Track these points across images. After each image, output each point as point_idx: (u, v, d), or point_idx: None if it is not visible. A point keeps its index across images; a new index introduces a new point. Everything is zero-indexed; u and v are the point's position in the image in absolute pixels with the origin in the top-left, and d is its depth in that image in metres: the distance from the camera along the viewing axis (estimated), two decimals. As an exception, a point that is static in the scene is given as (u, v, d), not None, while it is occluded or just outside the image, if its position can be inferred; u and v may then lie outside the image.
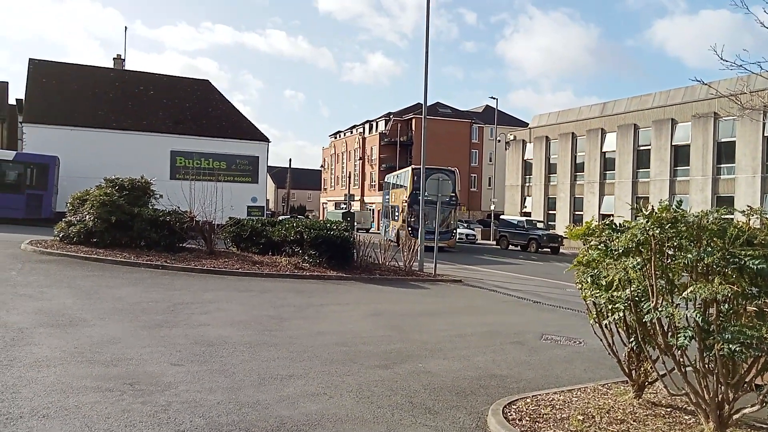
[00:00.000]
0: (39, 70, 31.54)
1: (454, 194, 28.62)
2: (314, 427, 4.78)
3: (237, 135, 33.49)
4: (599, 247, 5.60)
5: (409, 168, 33.65)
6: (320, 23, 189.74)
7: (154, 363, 6.24)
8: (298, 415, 5.01)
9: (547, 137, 46.58)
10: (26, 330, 7.15)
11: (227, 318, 9.04)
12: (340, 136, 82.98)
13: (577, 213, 43.06)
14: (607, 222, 5.83)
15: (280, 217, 29.14)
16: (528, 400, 5.72)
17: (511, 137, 50.70)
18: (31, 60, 31.92)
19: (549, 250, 35.56)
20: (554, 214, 45.37)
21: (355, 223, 41.52)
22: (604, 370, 7.26)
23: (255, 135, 34.35)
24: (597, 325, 5.85)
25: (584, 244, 6.05)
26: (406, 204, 30.43)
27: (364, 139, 73.01)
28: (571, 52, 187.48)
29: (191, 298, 10.43)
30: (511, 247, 37.34)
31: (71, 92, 31.12)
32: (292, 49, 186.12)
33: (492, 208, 50.10)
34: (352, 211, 53.98)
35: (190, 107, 34.05)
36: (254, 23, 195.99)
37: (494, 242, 41.11)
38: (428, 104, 20.04)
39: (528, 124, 58.88)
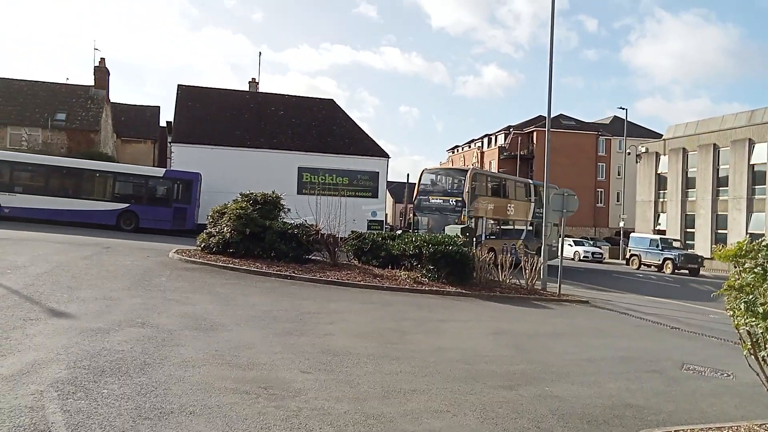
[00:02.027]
0: (186, 95, 34.87)
1: (460, 199, 25.52)
2: (439, 445, 4.74)
3: (359, 151, 34.61)
4: (755, 269, 5.05)
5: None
6: (433, 39, 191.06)
7: (285, 369, 6.55)
8: (422, 431, 4.99)
9: (684, 149, 43.06)
10: (174, 332, 7.83)
11: (351, 329, 9.30)
12: (457, 151, 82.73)
13: (720, 232, 39.24)
14: (764, 242, 5.25)
15: (398, 232, 29.45)
16: (670, 435, 5.26)
17: (643, 149, 47.49)
18: (179, 86, 35.37)
19: (687, 271, 32.73)
20: (692, 232, 41.69)
21: (474, 239, 40.88)
22: (760, 408, 6.50)
23: (375, 151, 35.30)
24: (752, 356, 5.25)
25: (735, 267, 5.48)
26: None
27: (482, 153, 72.17)
28: (706, 55, 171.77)
29: (317, 308, 10.86)
30: (643, 267, 34.87)
31: (212, 114, 34.02)
32: (406, 65, 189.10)
33: (621, 225, 47.19)
34: (471, 226, 53.36)
35: (316, 125, 35.79)
36: (369, 42, 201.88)
37: (624, 261, 38.63)
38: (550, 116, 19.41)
39: (659, 134, 54.98)
